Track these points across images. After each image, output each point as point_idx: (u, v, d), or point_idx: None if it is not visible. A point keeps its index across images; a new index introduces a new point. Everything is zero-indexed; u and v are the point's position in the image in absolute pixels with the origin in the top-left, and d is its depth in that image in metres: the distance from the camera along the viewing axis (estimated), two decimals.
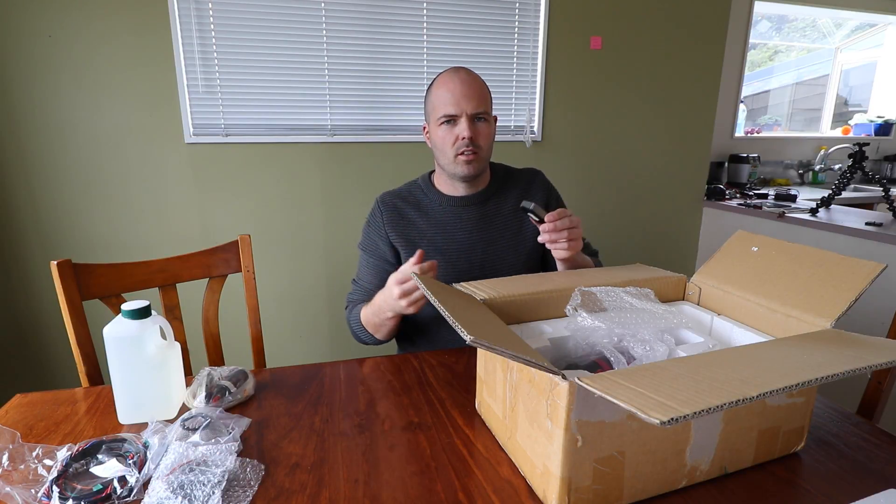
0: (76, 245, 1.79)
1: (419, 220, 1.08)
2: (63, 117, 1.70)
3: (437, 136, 1.02)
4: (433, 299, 0.58)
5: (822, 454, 0.65)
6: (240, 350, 1.54)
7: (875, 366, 0.48)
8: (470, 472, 0.62)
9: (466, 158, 1.01)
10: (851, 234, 1.86)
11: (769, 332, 0.70)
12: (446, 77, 1.01)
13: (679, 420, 0.38)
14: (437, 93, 1.01)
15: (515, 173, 1.17)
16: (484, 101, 1.01)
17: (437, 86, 1.02)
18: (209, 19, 1.74)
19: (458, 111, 0.98)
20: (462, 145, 1.00)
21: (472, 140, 0.99)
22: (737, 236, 0.85)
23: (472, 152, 1.00)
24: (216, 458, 0.59)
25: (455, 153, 1.01)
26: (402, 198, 1.10)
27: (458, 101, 0.98)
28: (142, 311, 0.71)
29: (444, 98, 0.99)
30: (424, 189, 1.11)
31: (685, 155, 2.40)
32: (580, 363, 0.68)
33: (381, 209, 1.09)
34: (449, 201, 1.09)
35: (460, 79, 0.99)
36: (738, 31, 2.75)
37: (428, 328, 1.10)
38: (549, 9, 2.04)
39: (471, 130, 0.99)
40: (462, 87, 0.99)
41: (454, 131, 1.00)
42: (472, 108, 0.99)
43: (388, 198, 1.11)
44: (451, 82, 0.99)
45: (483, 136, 1.01)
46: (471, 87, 0.99)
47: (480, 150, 1.02)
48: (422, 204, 1.10)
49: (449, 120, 1.00)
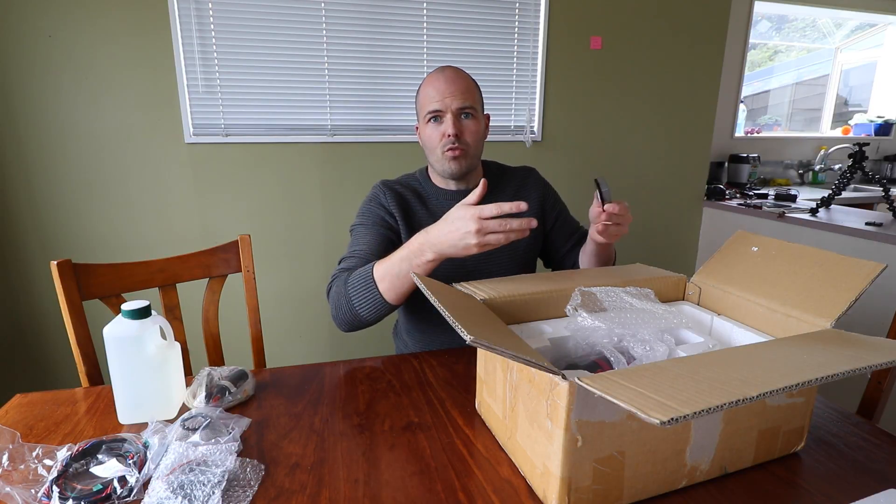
0: (76, 245, 1.79)
1: (419, 209, 1.08)
2: (63, 117, 1.70)
3: (425, 133, 1.03)
4: (433, 299, 0.58)
5: (822, 454, 0.65)
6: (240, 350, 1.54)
7: (875, 366, 0.48)
8: (470, 472, 0.62)
9: (452, 154, 1.00)
10: (851, 234, 1.86)
11: (769, 332, 0.70)
12: (433, 75, 1.02)
13: (679, 420, 0.38)
14: (424, 91, 1.02)
15: (509, 171, 1.17)
16: (470, 96, 1.00)
17: (424, 84, 1.02)
18: (209, 19, 1.74)
19: (443, 107, 0.99)
20: (448, 142, 1.00)
21: (457, 137, 0.99)
22: (737, 236, 0.85)
23: (458, 148, 1.00)
24: (216, 458, 0.59)
25: (442, 150, 1.01)
26: (402, 185, 1.10)
27: (443, 98, 0.98)
28: (142, 311, 0.71)
29: (430, 95, 1.00)
30: (422, 181, 1.12)
31: (685, 155, 2.40)
32: (580, 363, 0.68)
33: (385, 191, 1.07)
34: (446, 194, 1.09)
35: (445, 76, 1.00)
36: (738, 31, 2.75)
37: (423, 332, 1.10)
38: (549, 9, 2.04)
39: (456, 127, 0.99)
40: (447, 84, 0.99)
41: (440, 128, 1.01)
42: (457, 105, 0.99)
43: (389, 182, 1.10)
44: (436, 80, 1.00)
45: (469, 132, 1.01)
46: (455, 84, 0.99)
47: (468, 146, 1.01)
48: (420, 194, 1.10)
49: (435, 117, 1.00)
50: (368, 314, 0.88)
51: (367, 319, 0.89)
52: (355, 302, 0.88)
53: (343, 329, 0.94)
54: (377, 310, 0.87)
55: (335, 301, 0.92)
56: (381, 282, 0.85)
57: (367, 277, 0.86)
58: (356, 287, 0.87)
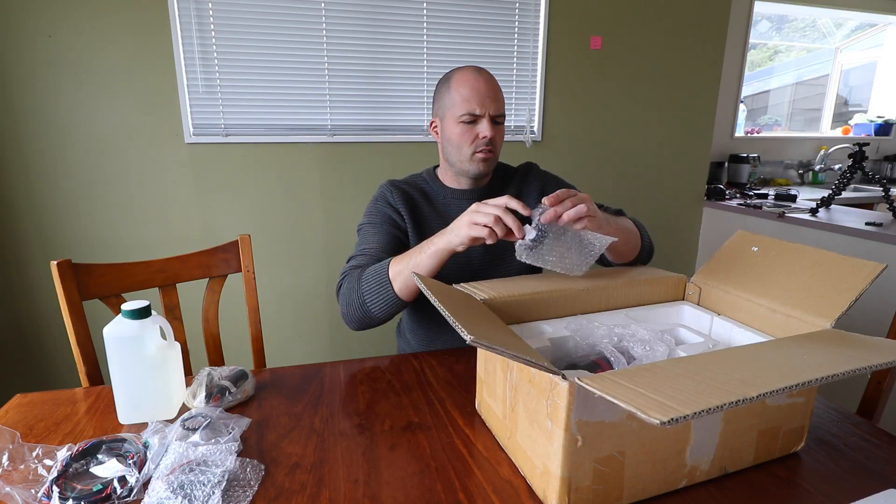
0: (76, 245, 1.79)
1: (426, 208, 1.09)
2: (63, 117, 1.70)
3: (454, 132, 1.02)
4: (433, 299, 0.58)
5: (822, 454, 0.65)
6: (240, 350, 1.53)
7: (875, 366, 0.48)
8: (470, 472, 0.62)
9: (483, 157, 1.02)
10: (851, 234, 1.86)
11: (769, 332, 0.70)
12: (469, 75, 1.01)
13: (679, 420, 0.38)
14: (460, 90, 1.01)
15: (511, 170, 1.18)
16: (503, 104, 1.04)
17: (458, 83, 1.01)
18: (209, 19, 1.74)
19: (482, 111, 1.00)
20: (481, 144, 1.01)
21: (491, 140, 1.01)
22: (737, 236, 0.85)
23: (489, 151, 1.02)
24: (216, 458, 0.59)
25: (473, 151, 1.02)
26: (409, 184, 1.11)
27: (483, 101, 0.99)
28: (142, 311, 0.71)
29: (468, 96, 1.00)
30: (429, 181, 1.12)
31: (685, 155, 2.40)
32: (580, 363, 0.68)
33: (392, 190, 1.08)
34: (453, 193, 1.10)
35: (485, 79, 1.01)
36: (738, 31, 2.75)
37: (427, 329, 1.10)
38: (549, 9, 2.03)
39: (492, 131, 1.01)
40: (487, 87, 1.00)
41: (475, 130, 1.01)
42: (495, 110, 1.01)
43: (396, 182, 1.11)
44: (476, 81, 1.00)
45: (500, 137, 1.04)
46: (494, 90, 1.01)
47: (496, 149, 1.04)
48: (427, 193, 1.11)
49: (472, 119, 1.01)
50: (379, 311, 0.90)
51: (378, 317, 0.91)
52: (367, 298, 0.89)
53: (352, 327, 0.95)
54: (388, 307, 0.89)
55: (346, 298, 0.93)
56: (395, 280, 0.87)
57: (382, 274, 0.88)
58: (370, 283, 0.89)
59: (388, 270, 0.87)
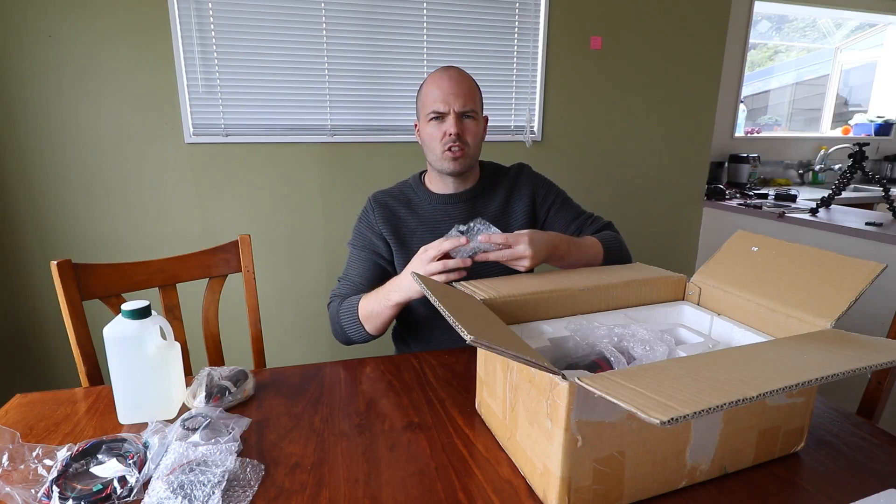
0: (76, 245, 1.79)
1: (409, 218, 1.09)
2: (63, 117, 1.70)
3: (426, 132, 1.04)
4: (433, 299, 0.58)
5: (822, 454, 0.65)
6: (240, 350, 1.53)
7: (875, 366, 0.48)
8: (470, 472, 0.62)
9: (453, 154, 1.03)
10: (851, 234, 1.86)
11: (769, 332, 0.70)
12: (436, 75, 1.03)
13: (679, 420, 0.38)
14: (427, 90, 1.03)
15: (503, 170, 1.18)
16: (472, 99, 1.03)
17: (427, 84, 1.04)
18: (209, 19, 1.74)
19: (446, 108, 1.01)
20: (449, 141, 1.01)
21: (458, 136, 1.01)
22: (737, 236, 0.85)
23: (458, 148, 1.02)
24: (216, 458, 0.59)
25: (442, 149, 1.03)
26: (393, 196, 1.12)
27: (447, 98, 1.00)
28: (142, 311, 0.71)
29: (434, 95, 1.01)
30: (415, 188, 1.13)
31: (685, 155, 2.40)
32: (580, 363, 0.68)
33: (373, 206, 1.10)
34: (438, 199, 1.11)
35: (449, 76, 1.02)
36: (738, 32, 2.75)
37: (425, 329, 1.10)
38: (549, 9, 2.03)
39: (458, 127, 1.01)
40: (451, 84, 1.01)
41: (442, 128, 1.02)
42: (460, 106, 1.01)
43: (379, 196, 1.12)
44: (440, 80, 1.01)
45: (470, 133, 1.04)
46: (459, 86, 1.01)
47: (468, 146, 1.04)
48: (412, 202, 1.11)
49: (437, 116, 1.02)
50: (361, 339, 1.01)
51: (360, 342, 1.02)
52: (347, 329, 1.00)
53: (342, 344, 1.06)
54: (369, 336, 1.00)
55: (332, 322, 1.04)
56: (366, 322, 0.97)
57: (353, 315, 0.99)
58: (346, 319, 1.00)
59: (359, 312, 0.97)
